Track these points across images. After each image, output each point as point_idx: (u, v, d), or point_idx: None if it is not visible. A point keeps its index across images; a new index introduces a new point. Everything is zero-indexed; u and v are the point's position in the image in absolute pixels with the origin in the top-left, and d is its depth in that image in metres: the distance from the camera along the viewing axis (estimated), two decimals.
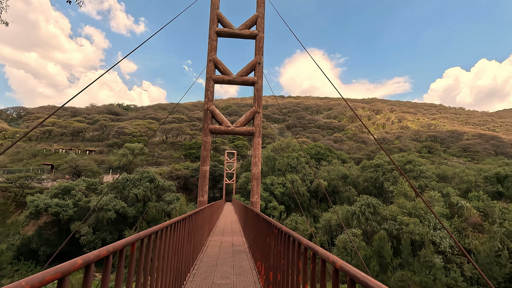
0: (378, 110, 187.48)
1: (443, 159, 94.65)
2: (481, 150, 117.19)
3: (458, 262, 33.78)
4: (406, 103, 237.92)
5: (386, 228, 36.90)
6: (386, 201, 52.40)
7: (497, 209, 38.99)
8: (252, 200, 14.35)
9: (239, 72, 15.61)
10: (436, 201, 41.37)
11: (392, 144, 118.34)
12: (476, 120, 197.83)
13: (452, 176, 59.91)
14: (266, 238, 5.87)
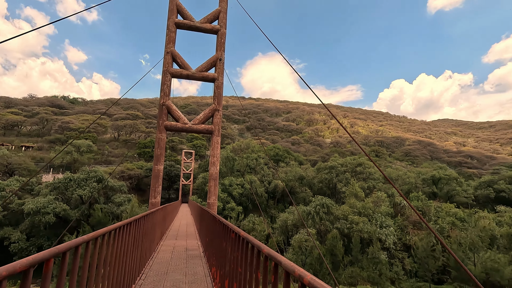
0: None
1: (388, 162, 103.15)
2: (420, 155, 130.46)
3: (400, 257, 36.81)
4: (358, 110, 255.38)
5: (339, 227, 38.74)
6: (339, 201, 55.18)
7: (433, 208, 43.42)
8: (209, 202, 13.75)
9: (198, 67, 14.91)
10: (383, 201, 44.65)
11: (344, 147, 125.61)
12: (416, 128, 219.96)
13: (396, 178, 65.37)
14: (222, 243, 5.43)
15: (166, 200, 57.31)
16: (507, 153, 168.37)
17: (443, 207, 45.43)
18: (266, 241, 37.62)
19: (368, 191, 53.26)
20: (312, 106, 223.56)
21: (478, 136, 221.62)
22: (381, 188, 54.85)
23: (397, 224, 40.38)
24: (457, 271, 28.10)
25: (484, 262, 27.33)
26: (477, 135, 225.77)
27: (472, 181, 74.00)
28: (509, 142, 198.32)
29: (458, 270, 27.88)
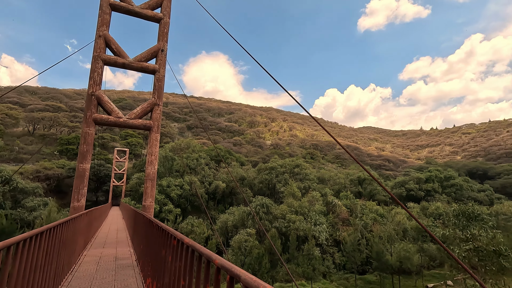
0: (273, 118, 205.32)
1: (321, 164, 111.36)
2: (348, 158, 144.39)
3: (331, 252, 39.80)
4: (296, 115, 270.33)
5: (277, 226, 39.98)
6: (278, 201, 57.15)
7: (359, 206, 48.18)
8: (144, 204, 12.54)
9: (137, 57, 13.54)
10: (317, 200, 47.76)
11: (283, 149, 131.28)
12: (345, 133, 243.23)
13: (328, 179, 70.85)
14: (161, 251, 4.80)
15: (93, 203, 51.35)
16: (415, 157, 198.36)
17: (367, 204, 50.92)
18: (206, 243, 36.63)
19: (304, 191, 56.44)
20: (255, 109, 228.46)
21: (394, 142, 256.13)
22: (315, 188, 58.69)
23: (329, 221, 43.65)
24: (377, 262, 31.61)
25: (398, 252, 31.37)
26: (393, 141, 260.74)
27: (389, 181, 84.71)
28: (416, 149, 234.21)
29: (378, 260, 31.39)
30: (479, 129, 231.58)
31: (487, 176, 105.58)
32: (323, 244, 38.56)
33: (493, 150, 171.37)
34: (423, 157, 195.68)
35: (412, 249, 31.22)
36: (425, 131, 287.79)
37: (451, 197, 69.23)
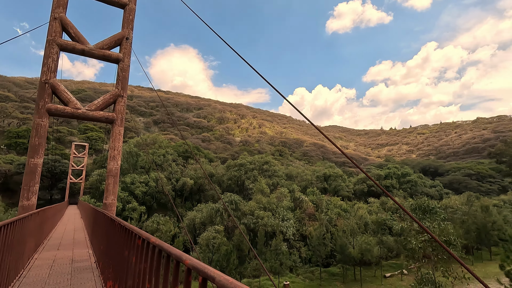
0: (243, 115, 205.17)
1: (290, 161, 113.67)
2: (315, 155, 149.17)
3: (298, 247, 40.84)
4: (265, 112, 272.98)
5: (246, 223, 40.07)
6: (246, 197, 57.30)
7: (324, 201, 49.95)
8: (106, 202, 11.75)
9: (99, 44, 12.58)
10: (285, 197, 48.66)
11: (253, 146, 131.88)
12: (312, 131, 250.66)
13: (296, 175, 72.55)
14: (123, 251, 4.45)
15: (47, 202, 47.40)
16: (375, 155, 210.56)
17: (332, 200, 53.05)
18: (172, 242, 35.63)
19: (273, 187, 57.22)
20: (224, 105, 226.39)
21: (357, 141, 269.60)
22: (284, 184, 59.76)
23: (296, 216, 44.74)
24: (341, 254, 33.08)
25: (360, 244, 33.10)
26: (356, 140, 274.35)
27: (352, 178, 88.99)
28: (377, 147, 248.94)
29: (342, 253, 32.86)
30: (432, 130, 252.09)
31: (437, 173, 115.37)
32: (290, 239, 39.45)
33: (443, 149, 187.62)
34: (383, 155, 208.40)
35: (372, 242, 33.14)
36: (385, 131, 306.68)
37: (407, 192, 74.55)
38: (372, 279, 34.50)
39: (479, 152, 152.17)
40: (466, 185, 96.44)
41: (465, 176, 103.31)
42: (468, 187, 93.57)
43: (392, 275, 35.31)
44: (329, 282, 34.34)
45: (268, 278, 34.63)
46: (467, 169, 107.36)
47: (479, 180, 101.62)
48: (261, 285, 32.86)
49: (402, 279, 34.05)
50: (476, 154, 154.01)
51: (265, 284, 33.46)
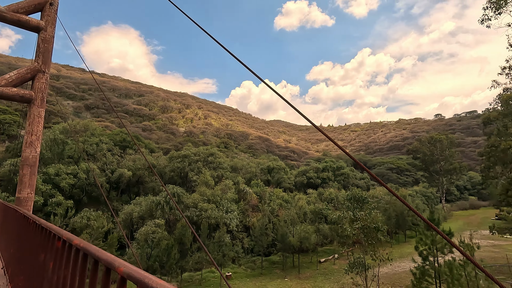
0: (188, 105, 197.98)
1: (235, 154, 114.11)
2: (260, 148, 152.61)
3: (241, 238, 41.37)
4: (212, 103, 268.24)
5: (188, 215, 38.91)
6: (189, 190, 55.66)
7: (267, 193, 51.44)
8: (20, 196, 9.93)
9: (12, 6, 10.39)
10: (229, 189, 48.64)
11: (197, 137, 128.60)
12: (258, 125, 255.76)
13: (241, 168, 73.14)
14: (39, 255, 3.68)
15: None
16: (314, 150, 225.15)
17: (275, 191, 54.97)
18: (105, 238, 32.66)
19: (217, 179, 56.67)
20: (168, 93, 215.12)
21: (299, 136, 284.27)
22: (228, 176, 59.68)
23: (240, 208, 45.18)
24: (282, 243, 34.59)
25: (299, 233, 35.06)
26: (298, 135, 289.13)
27: (293, 171, 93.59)
28: (316, 142, 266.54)
29: (282, 242, 34.37)
30: (363, 128, 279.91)
31: (366, 166, 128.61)
32: (234, 231, 39.70)
33: (371, 146, 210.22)
34: (321, 149, 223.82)
35: (310, 230, 35.42)
36: (323, 127, 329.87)
37: (340, 184, 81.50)
38: (308, 265, 36.96)
39: (399, 149, 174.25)
40: (388, 177, 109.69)
41: (388, 169, 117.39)
42: (390, 179, 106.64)
43: (326, 260, 38.36)
44: (270, 270, 35.68)
45: (210, 271, 34.41)
46: (389, 164, 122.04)
47: (398, 173, 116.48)
48: (203, 277, 32.46)
49: (335, 263, 37.25)
50: (397, 150, 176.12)
51: (207, 276, 33.14)
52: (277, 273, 34.86)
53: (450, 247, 16.41)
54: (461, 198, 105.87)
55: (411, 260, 18.14)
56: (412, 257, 17.91)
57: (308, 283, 30.63)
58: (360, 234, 17.74)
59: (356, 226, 17.69)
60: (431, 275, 16.27)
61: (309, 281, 31.20)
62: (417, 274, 16.84)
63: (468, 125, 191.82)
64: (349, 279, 30.02)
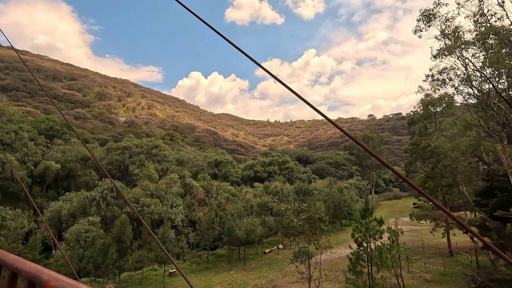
0: (130, 93, 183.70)
1: (181, 146, 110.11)
2: (207, 141, 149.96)
3: (186, 233, 40.20)
4: (157, 93, 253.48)
5: (128, 212, 36.25)
6: (130, 184, 51.92)
7: (215, 186, 50.86)
8: None
9: None
10: (175, 182, 46.73)
11: (140, 128, 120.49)
12: (206, 118, 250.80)
13: (187, 161, 70.90)
14: None
15: None
16: (261, 144, 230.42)
17: (222, 185, 54.65)
18: (26, 240, 28.48)
19: (162, 173, 53.98)
20: (107, 79, 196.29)
21: (246, 130, 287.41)
22: (174, 170, 57.32)
23: (186, 202, 43.78)
24: (228, 237, 34.60)
25: (246, 225, 35.48)
26: (246, 129, 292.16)
27: (241, 164, 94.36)
28: (263, 137, 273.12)
29: (229, 235, 34.39)
30: (307, 125, 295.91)
31: (308, 161, 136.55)
32: (179, 226, 38.34)
33: (313, 142, 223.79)
34: (268, 144, 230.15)
35: (256, 222, 36.13)
36: (270, 123, 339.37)
37: (285, 177, 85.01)
38: (254, 256, 37.76)
39: (337, 146, 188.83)
40: (327, 171, 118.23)
41: (327, 164, 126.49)
42: (329, 173, 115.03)
43: (271, 251, 39.69)
44: (216, 264, 35.46)
45: (153, 269, 32.73)
46: (329, 159, 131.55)
47: (336, 167, 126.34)
48: (144, 276, 30.69)
49: (279, 253, 38.77)
50: (336, 147, 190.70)
51: (149, 275, 31.44)
52: (223, 266, 34.84)
53: (381, 234, 18.40)
54: (387, 190, 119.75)
55: (347, 246, 19.93)
56: (349, 244, 19.56)
57: (253, 274, 31.29)
58: (305, 224, 18.73)
59: (302, 217, 18.62)
60: (364, 259, 18.03)
61: (254, 272, 31.90)
62: (353, 259, 18.48)
63: (394, 125, 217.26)
64: (292, 268, 31.66)
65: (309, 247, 18.26)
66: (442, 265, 26.98)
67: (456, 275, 25.06)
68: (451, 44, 21.10)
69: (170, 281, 30.03)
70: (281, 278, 29.26)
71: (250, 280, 29.39)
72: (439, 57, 22.22)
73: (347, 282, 18.31)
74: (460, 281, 23.41)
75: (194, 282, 29.75)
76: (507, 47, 15.11)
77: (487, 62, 18.18)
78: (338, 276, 26.36)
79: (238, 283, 28.69)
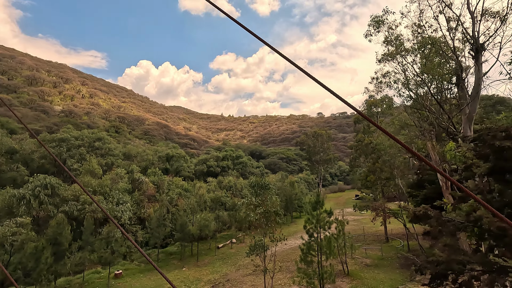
0: (68, 79, 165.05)
1: (128, 140, 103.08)
2: (157, 135, 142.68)
3: (134, 231, 37.88)
4: (100, 80, 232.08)
5: (66, 210, 32.77)
6: (68, 180, 46.88)
7: (166, 182, 48.74)
8: None
9: None
10: (122, 178, 43.58)
11: (80, 119, 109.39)
12: (156, 110, 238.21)
13: (136, 155, 66.66)
14: None
15: None
16: (215, 139, 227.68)
17: (174, 180, 52.57)
18: None
19: (107, 168, 49.83)
20: (39, 61, 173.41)
21: (199, 124, 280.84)
22: (120, 164, 53.37)
23: (134, 199, 41.14)
24: (181, 233, 33.49)
25: (199, 221, 34.78)
26: (199, 123, 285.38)
27: (193, 159, 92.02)
28: (217, 131, 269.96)
29: (182, 232, 33.30)
30: (260, 121, 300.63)
31: (261, 156, 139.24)
32: (126, 224, 35.89)
33: (266, 137, 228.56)
34: (221, 138, 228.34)
35: (210, 218, 35.62)
36: (224, 117, 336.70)
37: (239, 172, 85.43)
38: (207, 252, 37.29)
39: (289, 141, 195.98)
40: (279, 166, 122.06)
41: (279, 159, 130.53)
42: (280, 167, 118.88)
43: (224, 245, 39.62)
44: (167, 262, 34.16)
45: (95, 271, 30.27)
46: (281, 154, 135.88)
47: (287, 162, 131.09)
48: (85, 280, 28.16)
49: (232, 247, 38.89)
50: (287, 142, 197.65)
51: (91, 278, 28.96)
52: (175, 263, 33.73)
53: (331, 224, 19.63)
54: (332, 183, 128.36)
55: (298, 238, 20.93)
56: (301, 235, 20.46)
57: (206, 270, 30.92)
58: (262, 218, 19.05)
59: (258, 212, 18.88)
60: (315, 249, 19.06)
61: (208, 267, 31.55)
62: (304, 249, 19.40)
63: (340, 123, 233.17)
64: (246, 261, 32.05)
65: (264, 240, 18.64)
66: (380, 250, 29.97)
67: (391, 259, 28.06)
68: (393, 50, 23.26)
69: (115, 283, 28.07)
70: (234, 272, 29.45)
71: (203, 276, 28.99)
72: (383, 62, 24.32)
73: (298, 272, 19.19)
74: (394, 264, 26.28)
75: (143, 282, 28.29)
76: (440, 56, 17.25)
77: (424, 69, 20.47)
78: (289, 266, 27.51)
79: (190, 280, 28.08)
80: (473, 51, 14.40)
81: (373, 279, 22.79)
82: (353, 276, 23.52)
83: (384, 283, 21.60)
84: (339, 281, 22.28)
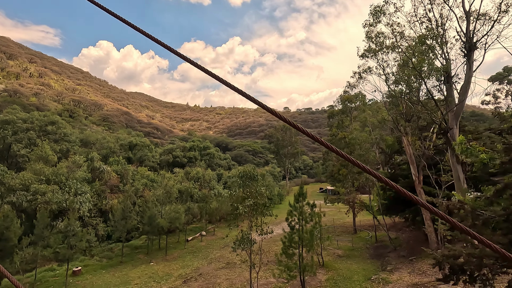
0: (12, 54, 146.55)
1: (84, 125, 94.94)
2: (117, 121, 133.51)
3: (94, 224, 34.77)
4: (51, 59, 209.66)
5: (14, 201, 28.83)
6: (14, 167, 41.57)
7: (130, 171, 45.51)
8: None
9: None
10: (80, 166, 39.65)
11: (28, 100, 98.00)
12: (116, 95, 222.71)
13: (94, 142, 61.38)
14: None
15: None
16: (179, 128, 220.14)
17: (139, 170, 49.32)
18: None
19: (61, 155, 45.00)
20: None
21: (163, 112, 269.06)
22: (77, 151, 48.61)
23: (94, 189, 37.68)
24: (149, 226, 31.40)
25: (169, 213, 32.94)
26: (163, 112, 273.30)
27: (158, 149, 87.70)
28: (182, 121, 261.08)
29: (150, 224, 31.23)
30: (227, 112, 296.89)
31: (227, 148, 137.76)
32: (85, 216, 32.71)
33: (232, 129, 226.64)
34: (186, 129, 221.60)
35: (181, 210, 33.92)
36: (190, 107, 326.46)
37: (206, 163, 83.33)
38: (176, 245, 35.63)
39: (256, 134, 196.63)
40: (246, 158, 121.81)
41: (246, 151, 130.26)
42: (247, 160, 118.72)
43: (194, 238, 38.22)
44: (132, 257, 31.92)
45: (50, 268, 27.27)
46: (247, 146, 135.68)
47: (253, 155, 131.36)
48: (38, 279, 25.13)
49: (202, 240, 37.66)
50: (254, 135, 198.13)
51: (44, 276, 25.96)
52: (141, 258, 31.66)
53: (312, 216, 19.58)
54: (297, 176, 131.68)
55: (282, 229, 20.81)
56: (283, 227, 20.14)
57: (176, 264, 29.46)
58: (251, 211, 18.31)
59: (248, 204, 18.11)
60: (296, 241, 18.89)
61: (177, 262, 30.09)
62: (286, 242, 19.13)
63: (305, 118, 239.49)
64: (217, 254, 31.16)
65: (251, 234, 17.97)
66: (350, 241, 31.06)
67: (361, 249, 29.20)
68: (374, 48, 23.69)
69: (74, 281, 25.47)
70: (206, 265, 28.41)
71: (173, 271, 27.54)
72: (364, 58, 24.69)
73: (279, 265, 18.88)
74: (365, 254, 27.36)
75: (106, 279, 26.05)
76: (431, 53, 17.89)
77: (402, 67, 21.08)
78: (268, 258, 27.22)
79: (160, 275, 26.50)
80: (465, 49, 15.05)
81: (347, 269, 23.41)
82: (329, 267, 23.96)
83: (358, 273, 22.26)
84: (316, 272, 22.51)
